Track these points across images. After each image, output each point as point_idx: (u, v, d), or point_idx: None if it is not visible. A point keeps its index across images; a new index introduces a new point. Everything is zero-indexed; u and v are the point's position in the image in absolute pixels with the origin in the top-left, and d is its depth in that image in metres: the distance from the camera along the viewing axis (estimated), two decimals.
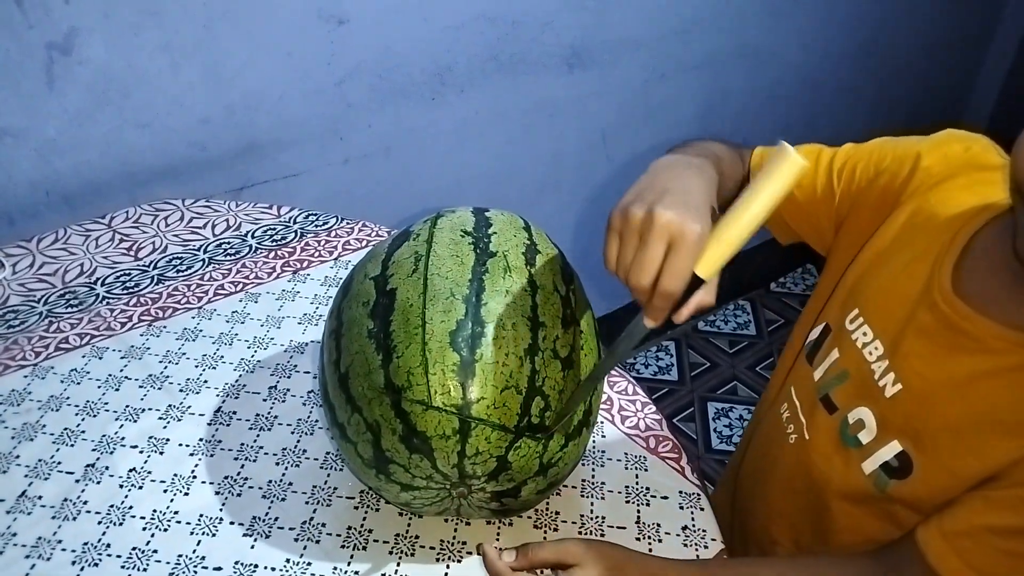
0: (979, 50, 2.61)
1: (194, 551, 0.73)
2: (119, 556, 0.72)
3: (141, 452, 0.82)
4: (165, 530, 0.75)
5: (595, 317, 0.75)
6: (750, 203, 0.57)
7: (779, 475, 0.85)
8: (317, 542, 0.74)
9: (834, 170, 0.82)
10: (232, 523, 0.76)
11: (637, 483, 0.82)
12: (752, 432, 0.96)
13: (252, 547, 0.74)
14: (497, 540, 0.76)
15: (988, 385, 0.65)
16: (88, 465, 0.81)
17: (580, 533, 0.76)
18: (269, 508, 0.77)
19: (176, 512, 0.76)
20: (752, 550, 0.92)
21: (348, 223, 1.18)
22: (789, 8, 1.92)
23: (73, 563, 0.72)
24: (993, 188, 0.71)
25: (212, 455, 0.82)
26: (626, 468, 0.83)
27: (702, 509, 0.79)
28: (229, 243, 1.12)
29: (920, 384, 0.69)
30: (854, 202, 0.81)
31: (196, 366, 0.92)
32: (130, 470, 0.81)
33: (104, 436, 0.84)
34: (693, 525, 0.78)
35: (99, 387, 0.90)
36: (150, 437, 0.84)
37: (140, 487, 0.79)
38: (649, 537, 0.77)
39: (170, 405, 0.87)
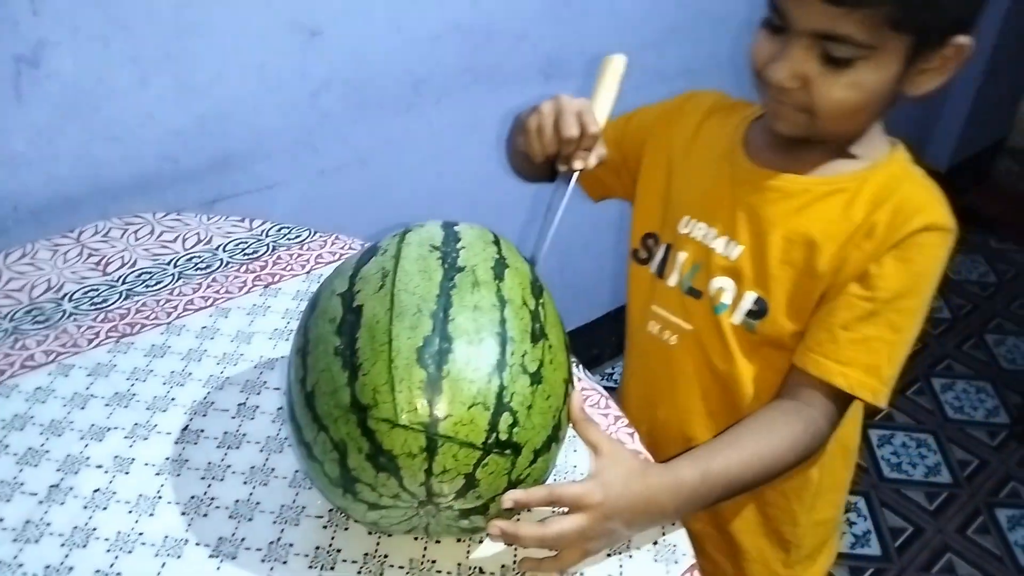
0: None
1: (159, 574, 0.72)
2: None
3: (106, 472, 0.81)
4: (130, 552, 0.74)
5: (565, 331, 0.75)
6: (601, 88, 0.98)
7: (678, 380, 0.98)
8: (284, 563, 0.73)
9: (622, 132, 1.07)
10: (198, 544, 0.74)
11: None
12: (629, 369, 1.11)
13: (218, 568, 0.73)
14: (467, 558, 0.75)
15: (795, 220, 0.85)
16: (52, 486, 0.80)
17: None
18: (236, 528, 0.76)
19: (141, 534, 0.75)
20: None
21: (321, 236, 1.17)
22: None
23: None
24: (739, 109, 0.97)
25: (178, 475, 0.81)
26: None
27: (673, 524, 0.79)
28: (200, 257, 1.11)
29: (752, 239, 0.88)
30: (638, 157, 1.05)
31: (164, 383, 0.91)
32: (95, 491, 0.79)
33: (69, 456, 0.83)
34: (664, 540, 0.78)
35: (64, 405, 0.88)
36: (116, 456, 0.83)
37: (105, 508, 0.78)
38: (620, 552, 0.76)
39: (136, 424, 0.86)
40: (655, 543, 0.78)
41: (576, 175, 0.90)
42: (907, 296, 0.82)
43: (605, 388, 0.97)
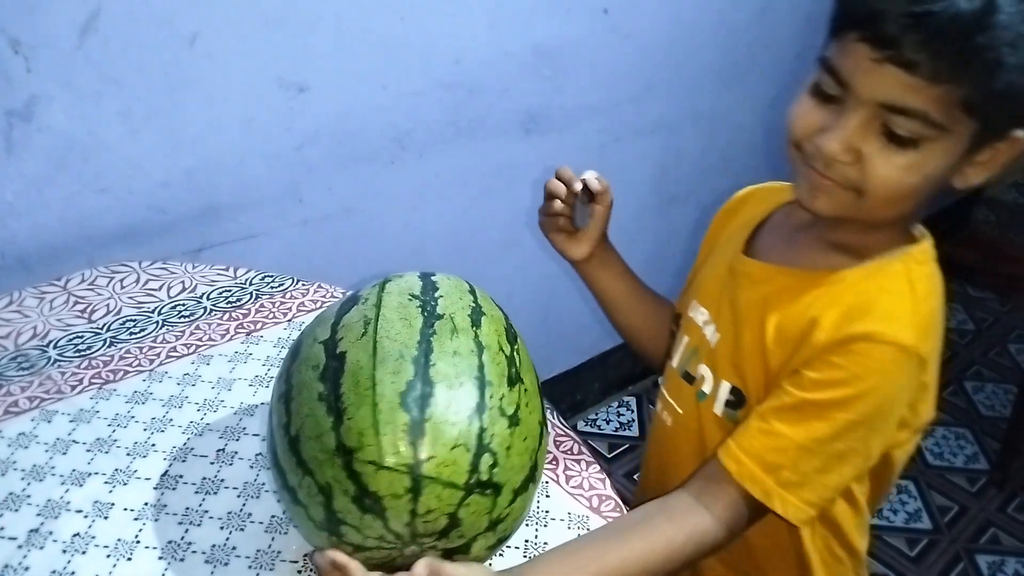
0: None
1: None
2: None
3: (86, 517, 0.82)
4: None
5: (537, 376, 0.77)
6: None
7: (674, 460, 0.97)
8: None
9: None
10: None
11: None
12: (647, 440, 1.11)
13: None
14: None
15: (762, 311, 0.82)
16: (32, 530, 0.81)
17: None
18: (212, 573, 0.77)
19: None
20: None
21: (304, 284, 1.20)
22: (739, 74, 1.99)
23: None
24: (775, 194, 0.94)
25: (157, 519, 0.82)
26: (568, 528, 0.85)
27: None
28: (184, 305, 1.13)
29: (727, 326, 0.87)
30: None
31: (145, 429, 0.93)
32: (74, 535, 0.81)
33: (49, 500, 0.84)
34: None
35: (46, 451, 0.90)
36: (95, 501, 0.84)
37: (83, 552, 0.79)
38: None
39: (117, 469, 0.88)
40: None
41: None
42: (837, 407, 0.73)
43: (585, 434, 0.99)
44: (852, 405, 0.73)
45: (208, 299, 1.15)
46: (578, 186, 0.94)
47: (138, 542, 0.80)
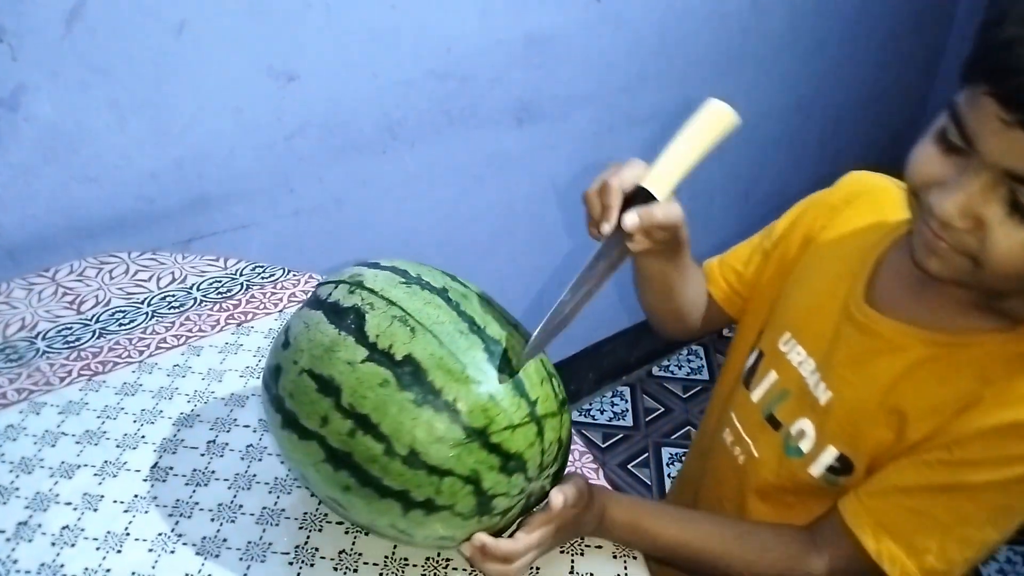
0: (918, 103, 2.72)
1: None
2: None
3: (75, 509, 0.82)
4: None
5: None
6: (681, 137, 0.72)
7: (742, 498, 0.91)
8: None
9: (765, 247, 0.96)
10: None
11: None
12: (700, 465, 1.02)
13: None
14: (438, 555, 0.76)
15: (896, 379, 0.73)
16: (20, 523, 0.80)
17: None
18: (202, 565, 0.77)
19: (108, 571, 0.76)
20: None
21: (295, 275, 1.19)
22: (731, 65, 1.99)
23: None
24: (888, 207, 0.83)
25: (147, 512, 0.82)
26: None
27: (634, 558, 0.80)
28: (174, 296, 1.13)
29: (848, 390, 0.77)
30: (779, 252, 0.94)
31: (134, 421, 0.92)
32: (63, 528, 0.80)
33: (38, 493, 0.83)
34: (626, 574, 0.79)
35: (35, 443, 0.89)
36: (85, 494, 0.84)
37: (73, 545, 0.78)
38: None
39: (106, 461, 0.87)
40: None
41: (605, 241, 0.72)
42: (993, 491, 0.67)
43: (580, 424, 0.98)
44: (1013, 490, 0.67)
45: (198, 290, 1.14)
46: (607, 229, 0.71)
47: (128, 534, 0.80)
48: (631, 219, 0.70)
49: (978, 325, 0.71)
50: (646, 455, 2.08)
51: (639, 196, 0.71)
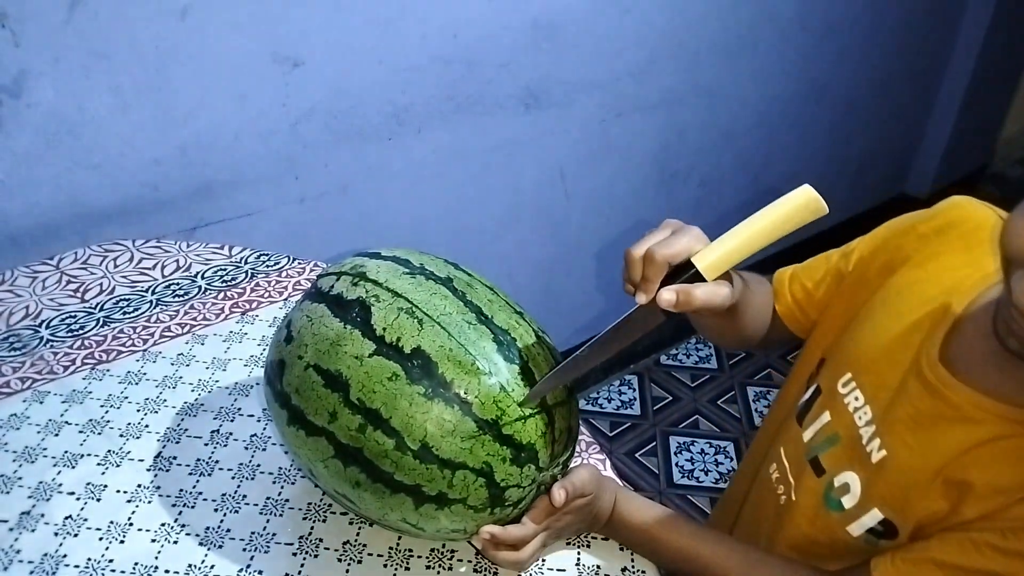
0: (930, 87, 2.68)
1: None
2: None
3: (78, 499, 0.81)
4: None
5: None
6: (758, 218, 0.61)
7: (768, 533, 0.87)
8: None
9: (848, 257, 0.86)
10: (167, 571, 0.75)
11: None
12: (745, 490, 0.97)
13: None
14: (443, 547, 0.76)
15: (969, 454, 0.66)
16: (23, 513, 0.80)
17: None
18: (206, 556, 0.76)
19: (111, 561, 0.75)
20: None
21: (300, 263, 1.18)
22: (742, 49, 1.96)
23: None
24: (986, 247, 0.73)
25: (150, 501, 0.81)
26: None
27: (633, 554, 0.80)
28: (178, 284, 1.12)
29: (905, 452, 0.70)
30: (855, 276, 0.85)
31: (138, 410, 0.92)
32: (66, 517, 0.80)
33: (41, 483, 0.83)
34: (633, 567, 0.78)
35: (39, 432, 0.89)
36: (88, 483, 0.83)
37: (75, 535, 0.78)
38: None
39: (109, 450, 0.87)
40: (624, 570, 0.78)
41: (637, 307, 0.66)
42: None
43: (587, 412, 0.97)
44: None
45: (203, 278, 1.13)
46: (642, 300, 0.64)
47: (131, 524, 0.79)
48: (667, 298, 0.62)
49: None
50: (654, 444, 2.07)
51: (687, 265, 0.63)
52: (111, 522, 0.79)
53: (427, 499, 0.66)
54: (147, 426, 0.90)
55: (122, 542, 0.77)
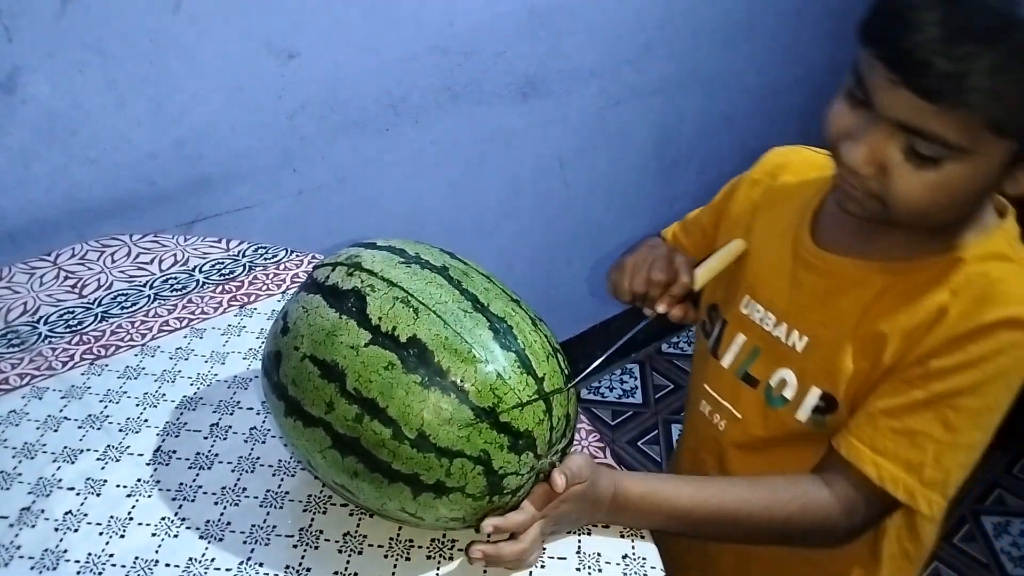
0: None
1: None
2: None
3: (78, 494, 0.81)
4: (99, 574, 0.74)
5: None
6: (717, 254, 0.89)
7: (725, 466, 0.92)
8: None
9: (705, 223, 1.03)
10: (168, 565, 0.75)
11: None
12: (684, 437, 1.06)
13: None
14: (443, 537, 0.75)
15: (863, 312, 0.77)
16: (23, 508, 0.80)
17: None
18: (206, 549, 0.76)
19: (111, 555, 0.75)
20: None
21: (298, 255, 1.18)
22: (740, 35, 1.95)
23: None
24: (814, 169, 0.88)
25: (150, 496, 0.81)
26: None
27: (642, 536, 0.79)
28: (176, 278, 1.12)
29: (821, 330, 0.81)
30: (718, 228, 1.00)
31: (137, 405, 0.92)
32: (66, 513, 0.80)
33: (41, 478, 0.83)
34: (633, 553, 0.78)
35: (38, 428, 0.89)
36: (87, 479, 0.83)
37: (76, 530, 0.78)
38: (589, 567, 0.77)
39: (109, 445, 0.87)
40: (624, 556, 0.78)
41: (650, 319, 0.87)
42: (969, 395, 0.71)
43: (589, 401, 0.97)
44: (985, 393, 0.71)
45: (200, 272, 1.13)
46: (657, 311, 0.87)
47: (131, 519, 0.79)
48: (677, 313, 0.86)
49: (927, 250, 0.75)
50: (656, 432, 2.07)
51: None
52: (111, 517, 0.79)
53: (425, 488, 0.66)
54: (146, 420, 0.90)
55: (122, 536, 0.77)
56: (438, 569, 0.76)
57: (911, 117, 0.64)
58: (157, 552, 0.76)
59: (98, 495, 0.81)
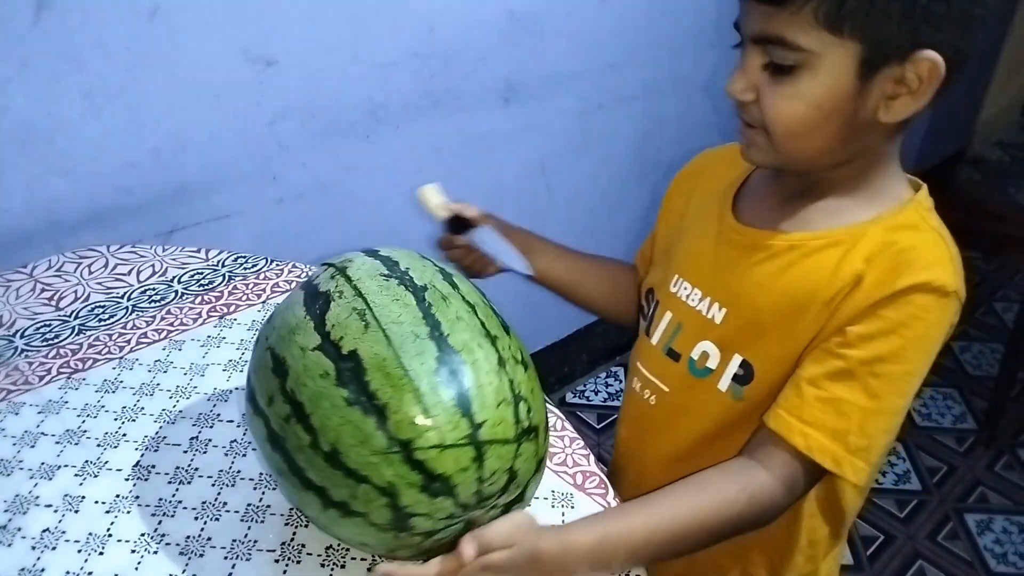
0: None
1: None
2: None
3: (56, 511, 0.80)
4: None
5: None
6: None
7: (656, 440, 0.95)
8: None
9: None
10: None
11: (563, 521, 0.81)
12: (620, 417, 1.07)
13: None
14: None
15: (781, 281, 0.80)
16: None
17: None
18: (186, 565, 0.75)
19: (90, 573, 0.74)
20: None
21: (278, 265, 1.17)
22: (720, 35, 1.96)
23: None
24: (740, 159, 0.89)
25: (129, 512, 0.80)
26: (552, 506, 0.83)
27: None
28: (154, 289, 1.10)
29: (739, 301, 0.84)
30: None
31: (115, 419, 0.90)
32: (43, 530, 0.78)
33: (17, 496, 0.82)
34: None
35: (14, 444, 0.87)
36: (65, 495, 0.82)
37: (54, 548, 0.77)
38: None
39: (87, 461, 0.85)
40: None
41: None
42: (889, 361, 0.73)
43: (574, 406, 0.97)
44: (904, 358, 0.74)
45: (179, 282, 1.12)
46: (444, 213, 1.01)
47: (110, 535, 0.78)
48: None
49: (843, 221, 0.78)
50: None
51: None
52: (90, 534, 0.78)
53: (332, 504, 0.65)
54: (124, 435, 0.89)
55: (101, 554, 0.76)
56: None
57: (764, 27, 0.69)
58: (137, 569, 0.75)
59: (76, 512, 0.80)
